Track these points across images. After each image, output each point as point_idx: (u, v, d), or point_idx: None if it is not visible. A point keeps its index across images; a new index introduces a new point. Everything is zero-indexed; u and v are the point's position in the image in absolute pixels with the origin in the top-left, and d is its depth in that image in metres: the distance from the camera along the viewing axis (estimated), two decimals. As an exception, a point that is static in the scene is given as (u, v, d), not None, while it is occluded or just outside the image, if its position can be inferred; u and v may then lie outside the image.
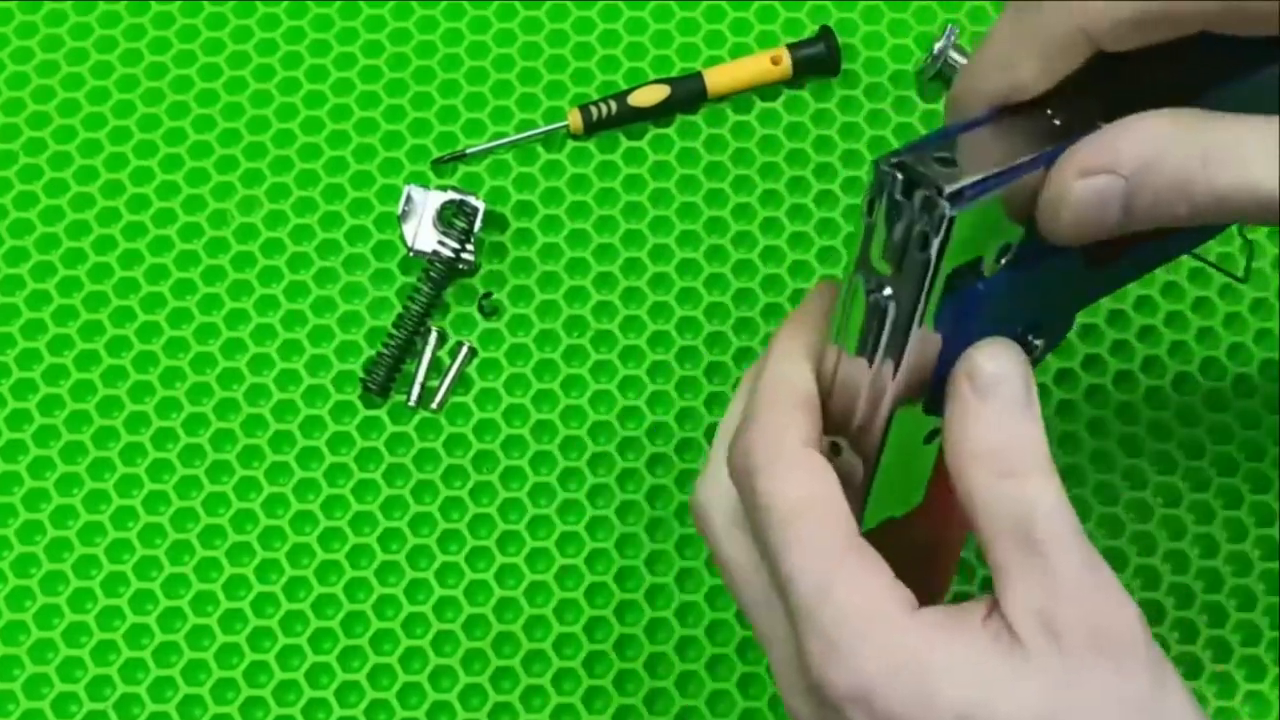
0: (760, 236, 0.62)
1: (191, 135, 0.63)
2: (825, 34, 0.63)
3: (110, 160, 0.63)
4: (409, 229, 0.60)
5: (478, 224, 0.60)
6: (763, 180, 0.62)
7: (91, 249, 0.61)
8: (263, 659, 0.56)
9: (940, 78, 0.63)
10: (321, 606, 0.57)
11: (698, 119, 0.63)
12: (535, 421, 0.59)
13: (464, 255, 0.60)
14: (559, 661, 0.56)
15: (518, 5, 0.65)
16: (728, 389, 0.60)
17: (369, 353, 0.60)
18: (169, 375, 0.60)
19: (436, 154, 0.63)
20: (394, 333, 0.59)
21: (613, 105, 0.62)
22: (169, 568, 0.57)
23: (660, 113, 0.63)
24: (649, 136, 0.63)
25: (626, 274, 0.61)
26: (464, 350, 0.59)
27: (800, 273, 0.61)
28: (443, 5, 0.65)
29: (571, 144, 0.63)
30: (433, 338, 0.59)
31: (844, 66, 0.64)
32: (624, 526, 0.58)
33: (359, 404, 0.59)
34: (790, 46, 0.63)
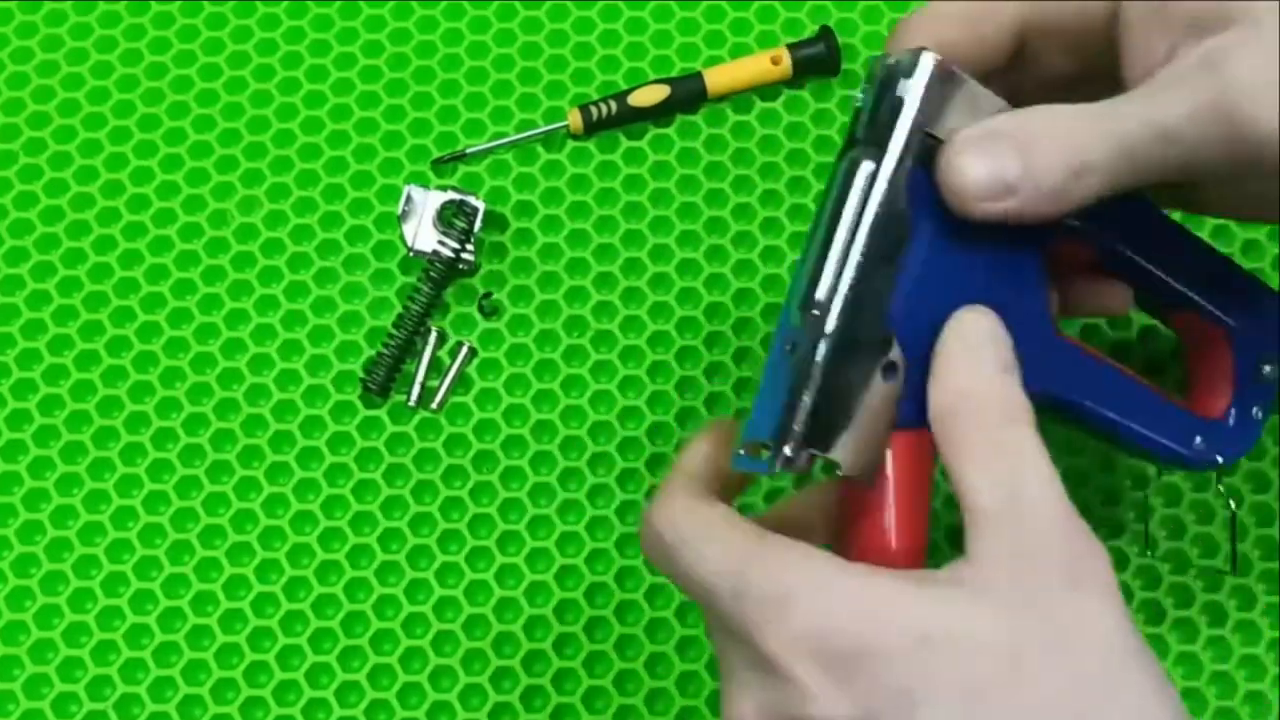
0: (760, 236, 0.62)
1: (191, 135, 0.63)
2: (825, 34, 0.63)
3: (110, 160, 0.63)
4: (409, 229, 0.60)
5: (478, 224, 0.60)
6: (763, 180, 0.62)
7: (91, 249, 0.61)
8: (263, 659, 0.56)
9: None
10: (321, 606, 0.57)
11: (698, 119, 0.63)
12: (535, 421, 0.59)
13: (464, 255, 0.60)
14: (559, 661, 0.56)
15: (518, 5, 0.65)
16: (728, 389, 0.60)
17: (369, 353, 0.60)
18: (169, 375, 0.60)
19: (436, 154, 0.63)
20: (394, 333, 0.59)
21: (613, 105, 0.62)
22: (169, 568, 0.57)
23: (660, 113, 0.63)
24: (649, 136, 0.63)
25: (626, 274, 0.61)
26: (464, 350, 0.59)
27: (800, 273, 0.61)
28: (443, 5, 0.65)
29: (571, 144, 0.63)
30: (433, 338, 0.59)
31: (844, 66, 0.64)
32: (624, 527, 0.58)
33: (359, 404, 0.59)
34: (790, 46, 0.63)
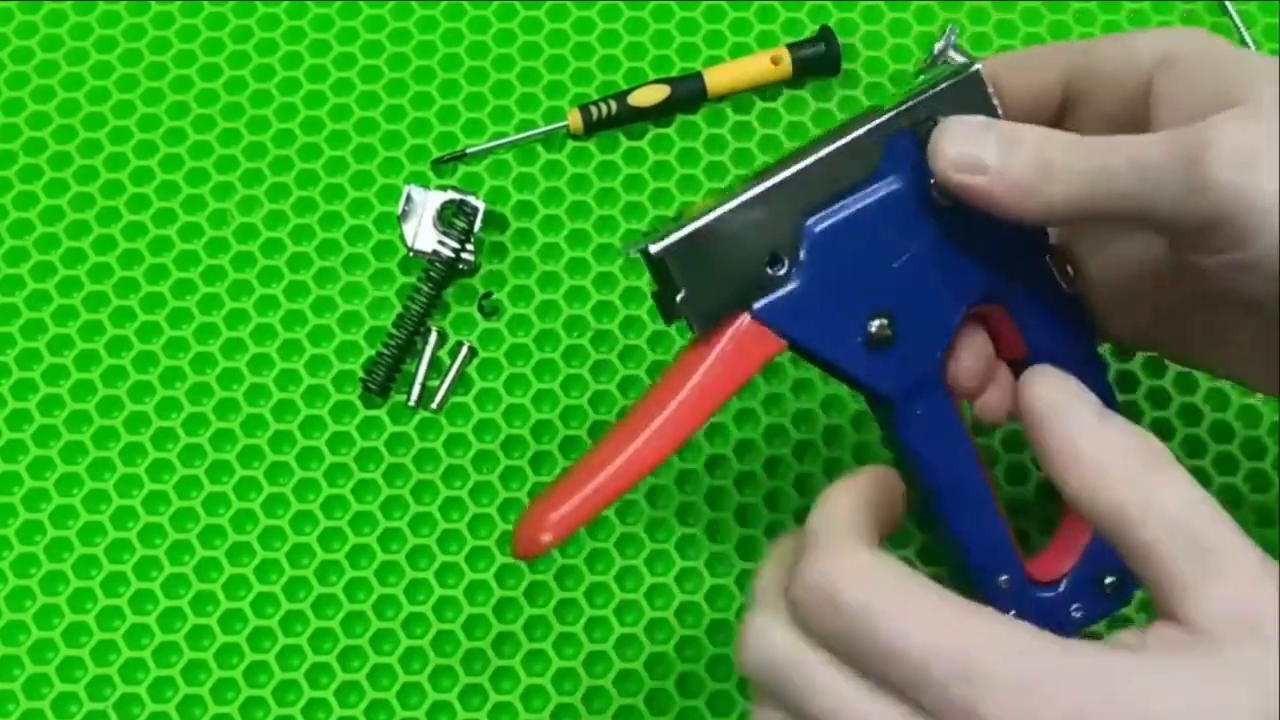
0: (760, 236, 0.62)
1: (191, 135, 0.63)
2: (825, 34, 0.63)
3: (110, 160, 0.63)
4: (409, 229, 0.60)
5: (478, 224, 0.60)
6: (763, 180, 0.62)
7: (91, 249, 0.61)
8: (263, 659, 0.56)
9: (940, 77, 0.63)
10: (321, 606, 0.57)
11: (698, 119, 0.63)
12: (535, 421, 0.59)
13: (464, 255, 0.60)
14: (559, 661, 0.56)
15: (518, 5, 0.65)
16: (728, 389, 0.60)
17: (369, 353, 0.60)
18: (169, 375, 0.60)
19: (436, 154, 0.63)
20: (394, 333, 0.59)
21: (613, 105, 0.62)
22: (169, 568, 0.57)
23: (660, 113, 0.63)
24: (649, 136, 0.63)
25: (626, 274, 0.61)
26: (464, 350, 0.59)
27: (800, 273, 0.61)
28: (443, 5, 0.65)
29: (571, 144, 0.63)
30: (433, 338, 0.59)
31: (844, 66, 0.64)
32: (624, 526, 0.58)
33: (359, 404, 0.59)
34: (790, 46, 0.63)
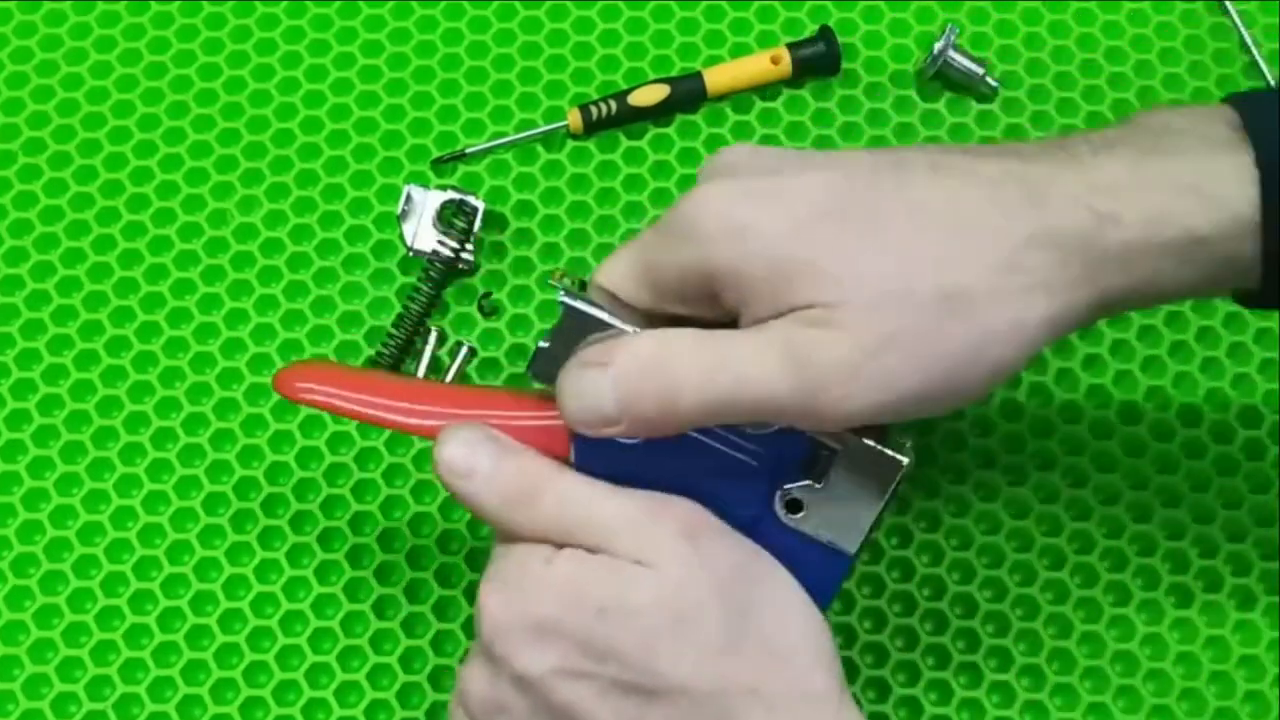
0: (760, 236, 0.61)
1: (191, 135, 0.63)
2: (825, 33, 0.63)
3: (109, 160, 0.62)
4: (409, 229, 0.60)
5: (477, 224, 0.60)
6: (763, 180, 0.62)
7: (91, 249, 0.61)
8: (262, 659, 0.56)
9: (940, 77, 0.63)
10: (321, 606, 0.57)
11: (698, 119, 0.63)
12: (535, 421, 0.59)
13: (464, 255, 0.59)
14: (559, 661, 0.56)
15: (517, 5, 0.65)
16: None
17: (368, 352, 0.60)
18: (168, 375, 0.59)
19: (436, 153, 0.63)
20: (394, 332, 0.59)
21: (612, 105, 0.62)
22: (168, 568, 0.57)
23: (660, 112, 0.63)
24: (649, 136, 0.63)
25: (626, 274, 0.61)
26: (464, 350, 0.59)
27: (800, 272, 0.61)
28: (442, 5, 0.65)
29: (571, 144, 0.63)
30: (432, 337, 0.59)
31: (844, 66, 0.64)
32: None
33: (359, 404, 0.59)
34: (790, 46, 0.63)
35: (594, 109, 0.62)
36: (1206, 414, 0.59)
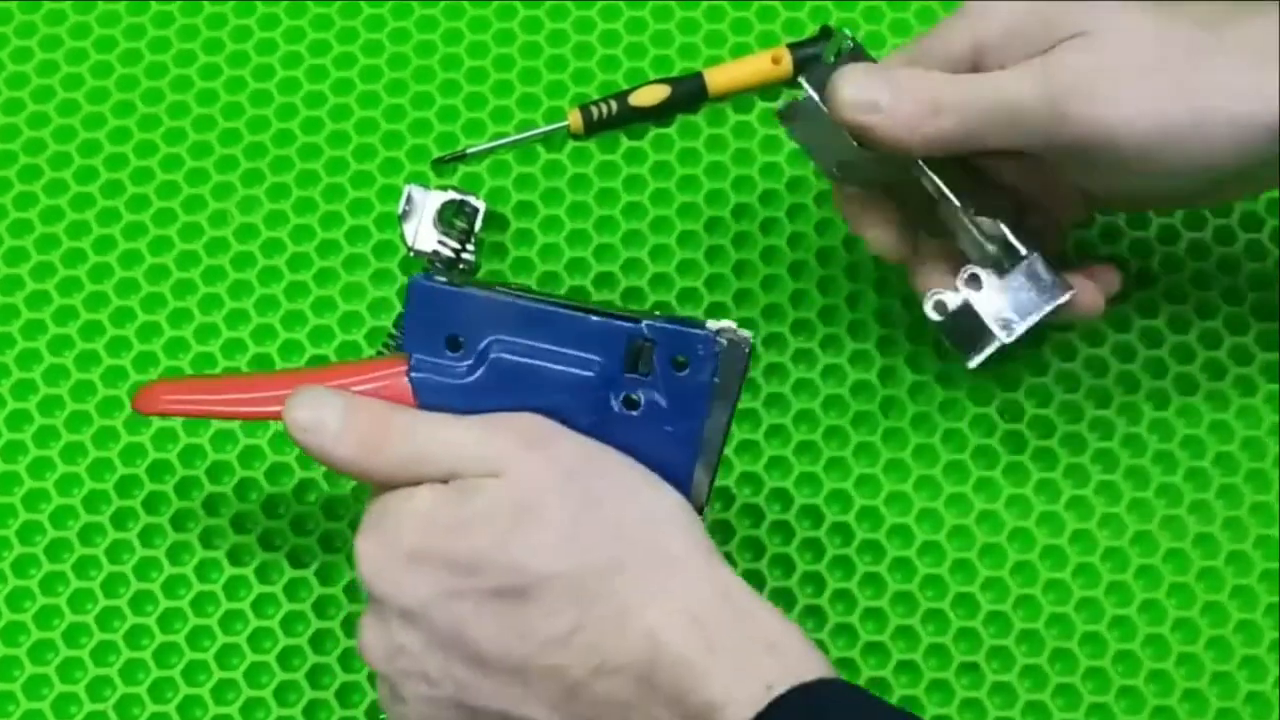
0: (760, 236, 0.62)
1: (191, 135, 0.63)
2: (826, 33, 0.63)
3: (110, 160, 0.62)
4: (409, 229, 0.60)
5: (478, 224, 0.60)
6: (763, 180, 0.62)
7: (91, 249, 0.61)
8: (263, 660, 0.56)
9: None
10: (323, 607, 0.57)
11: (698, 119, 0.63)
12: (536, 422, 0.59)
13: (464, 255, 0.59)
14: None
15: (518, 5, 0.65)
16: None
17: (369, 353, 0.60)
18: (169, 375, 0.59)
19: (437, 154, 0.63)
20: (394, 333, 0.59)
21: (613, 105, 0.62)
22: (169, 569, 0.57)
23: (661, 113, 0.63)
24: (650, 136, 0.63)
25: (626, 274, 0.61)
26: (465, 350, 0.59)
27: (800, 273, 0.61)
28: (443, 4, 0.65)
29: (572, 144, 0.63)
30: (433, 338, 0.59)
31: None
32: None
33: (359, 404, 0.59)
34: (791, 46, 0.63)
35: (594, 109, 0.62)
36: (1206, 414, 0.59)
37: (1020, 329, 0.51)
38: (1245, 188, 0.54)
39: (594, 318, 0.46)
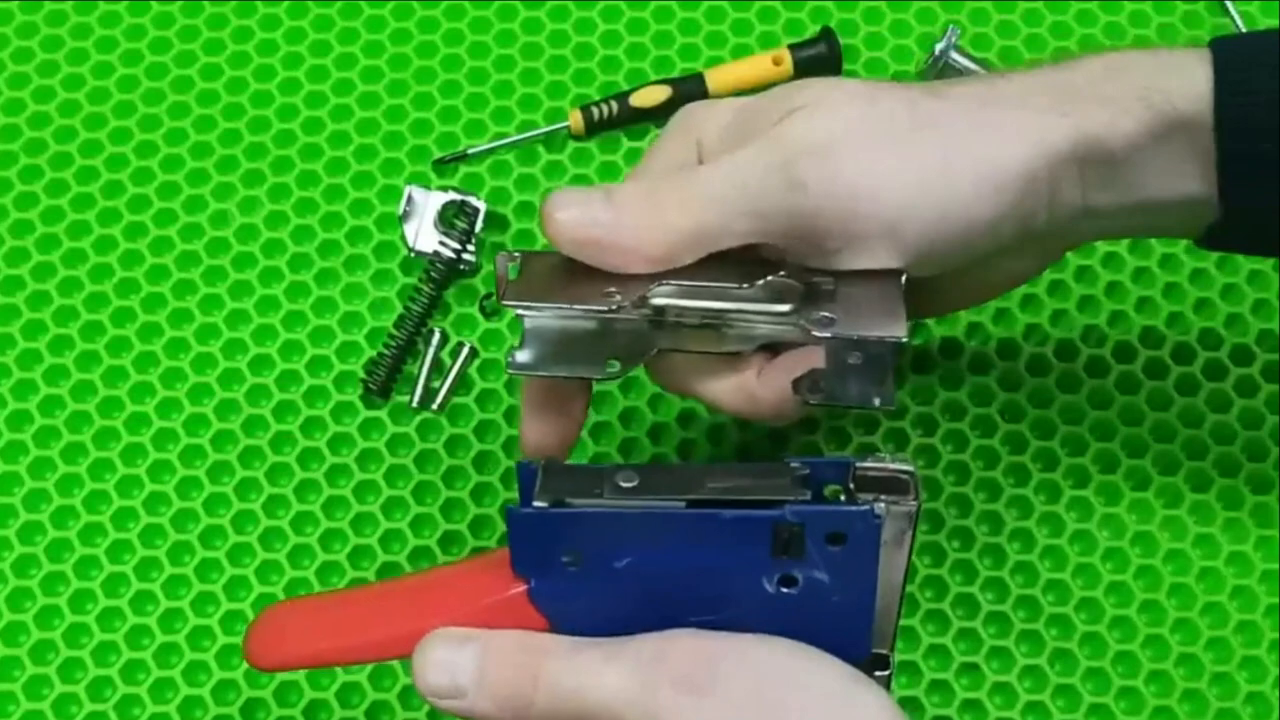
0: (761, 237, 0.62)
1: (192, 136, 0.63)
2: (826, 34, 0.63)
3: (111, 161, 0.63)
4: (410, 229, 0.60)
5: (479, 224, 0.60)
6: (764, 181, 0.62)
7: (92, 249, 0.61)
8: (264, 660, 0.56)
9: (941, 78, 0.63)
10: (322, 607, 0.56)
11: (699, 119, 0.63)
12: (536, 422, 0.59)
13: (465, 256, 0.59)
14: (560, 662, 0.56)
15: (519, 5, 0.65)
16: (729, 390, 0.59)
17: (370, 353, 0.60)
18: (169, 376, 0.59)
19: (438, 154, 0.63)
20: (395, 333, 0.59)
21: (614, 106, 0.62)
22: (169, 568, 0.57)
23: (662, 113, 0.63)
24: (651, 137, 0.63)
25: (628, 274, 0.61)
26: (465, 351, 0.59)
27: (802, 273, 0.61)
28: (444, 5, 0.65)
29: (573, 144, 0.63)
30: (435, 338, 0.59)
31: (845, 67, 0.64)
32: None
33: (360, 405, 0.59)
34: (792, 47, 0.63)
35: (595, 110, 0.62)
36: (1208, 416, 0.59)
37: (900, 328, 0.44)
38: (1063, 243, 0.50)
39: (726, 514, 0.40)
